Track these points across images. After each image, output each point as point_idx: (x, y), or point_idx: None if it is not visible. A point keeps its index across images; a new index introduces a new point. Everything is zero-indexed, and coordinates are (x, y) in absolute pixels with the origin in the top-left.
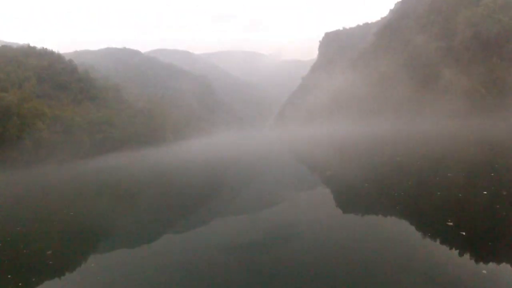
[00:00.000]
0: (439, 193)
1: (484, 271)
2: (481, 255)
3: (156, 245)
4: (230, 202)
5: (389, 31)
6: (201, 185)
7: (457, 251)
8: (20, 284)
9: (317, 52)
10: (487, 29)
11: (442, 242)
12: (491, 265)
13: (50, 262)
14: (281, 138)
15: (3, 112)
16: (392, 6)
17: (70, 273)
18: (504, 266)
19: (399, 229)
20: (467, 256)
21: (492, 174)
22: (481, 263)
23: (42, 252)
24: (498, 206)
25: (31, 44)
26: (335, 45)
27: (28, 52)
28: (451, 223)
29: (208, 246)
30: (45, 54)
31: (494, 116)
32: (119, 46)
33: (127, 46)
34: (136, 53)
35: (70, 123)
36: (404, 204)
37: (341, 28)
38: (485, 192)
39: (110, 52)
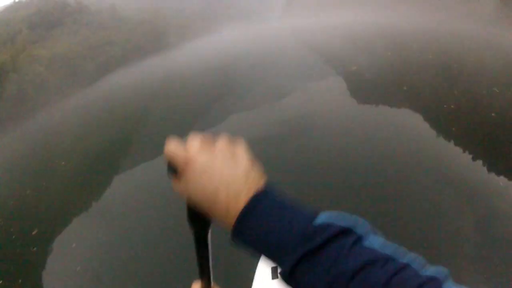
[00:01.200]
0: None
1: (501, 183)
2: (497, 165)
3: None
4: (243, 97)
5: None
6: (213, 84)
7: (471, 155)
8: None
9: None
10: None
11: (456, 144)
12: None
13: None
14: (292, 28)
15: None
16: None
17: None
18: None
19: (416, 124)
20: (479, 162)
21: None
22: (494, 173)
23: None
24: None
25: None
26: None
27: (16, 7)
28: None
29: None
30: (33, 1)
31: None
32: None
33: None
34: None
35: (68, 55)
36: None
37: None
38: None
39: None
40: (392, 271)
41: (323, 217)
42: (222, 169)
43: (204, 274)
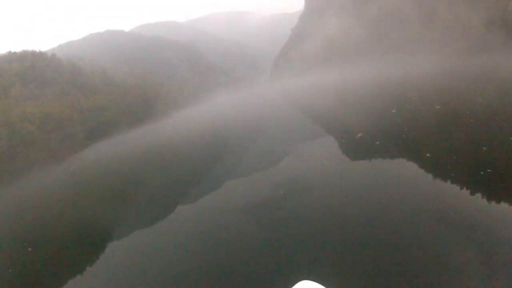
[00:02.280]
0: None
1: (377, 142)
2: (492, 195)
3: (171, 218)
4: (237, 163)
5: None
6: (205, 152)
7: (468, 191)
8: None
9: (302, 2)
10: None
11: (453, 182)
12: (503, 205)
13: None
14: (278, 92)
15: None
16: None
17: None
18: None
19: (407, 172)
20: (478, 195)
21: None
22: (493, 203)
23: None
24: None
25: (11, 50)
26: None
27: (9, 57)
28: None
29: (221, 210)
30: (27, 56)
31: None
32: (101, 29)
33: (110, 28)
34: (119, 33)
35: (60, 117)
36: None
37: None
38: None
39: (93, 38)
40: None
41: None
42: None
43: None
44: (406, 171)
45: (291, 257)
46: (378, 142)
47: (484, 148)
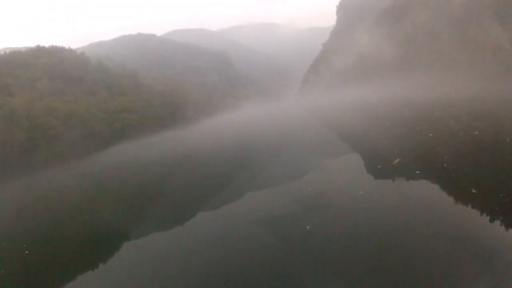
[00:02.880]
0: None
1: (418, 172)
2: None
3: (190, 225)
4: (260, 175)
5: None
6: (230, 161)
7: (488, 217)
8: None
9: (334, 17)
10: None
11: (473, 207)
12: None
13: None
14: (307, 107)
15: (9, 117)
16: None
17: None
18: None
19: (431, 197)
20: (497, 222)
21: None
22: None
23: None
24: None
25: (42, 45)
26: (354, 8)
27: (38, 52)
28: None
29: (240, 221)
30: (56, 52)
31: None
32: (134, 32)
33: (142, 31)
34: (151, 37)
35: (85, 115)
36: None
37: None
38: None
39: (124, 40)
40: None
41: None
42: None
43: None
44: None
45: (305, 277)
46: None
47: None
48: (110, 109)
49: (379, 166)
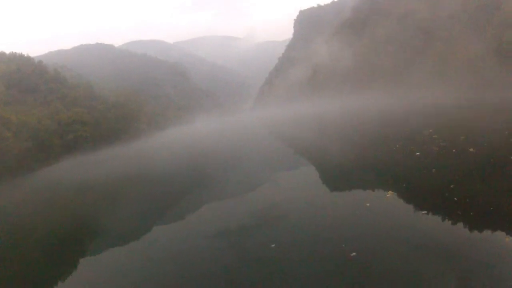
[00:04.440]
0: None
1: (424, 211)
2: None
3: (146, 239)
4: (214, 188)
5: (368, 3)
6: (183, 175)
7: (450, 221)
8: None
9: (291, 31)
10: None
11: (434, 214)
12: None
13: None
14: (262, 120)
15: None
16: None
17: (65, 274)
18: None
19: (392, 202)
20: (460, 225)
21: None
22: (466, 229)
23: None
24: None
25: (1, 50)
26: (311, 22)
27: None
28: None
29: (196, 234)
30: (14, 59)
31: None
32: (92, 41)
33: (100, 41)
34: (109, 47)
35: (37, 127)
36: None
37: (315, 5)
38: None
39: (83, 49)
40: None
41: None
42: None
43: None
44: (386, 201)
45: (260, 285)
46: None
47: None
48: (63, 120)
49: (331, 178)
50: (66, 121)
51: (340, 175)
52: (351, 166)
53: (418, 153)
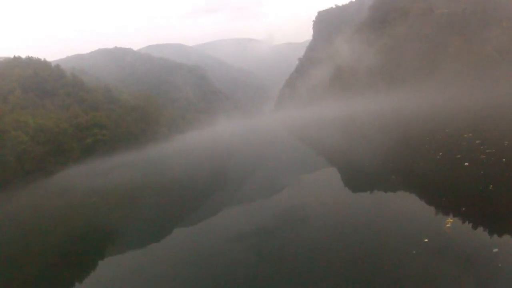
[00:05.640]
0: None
1: (495, 249)
2: (492, 233)
3: (165, 241)
4: (236, 191)
5: (386, 2)
6: (206, 178)
7: (468, 227)
8: None
9: (311, 32)
10: None
11: (454, 216)
12: (502, 242)
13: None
14: (284, 123)
15: None
16: None
17: (82, 276)
18: None
19: (407, 206)
20: (478, 232)
21: None
22: (491, 240)
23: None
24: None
25: (17, 55)
26: (330, 23)
27: (13, 63)
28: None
29: (216, 236)
30: (31, 63)
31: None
32: (111, 46)
33: (119, 45)
34: (128, 51)
35: (55, 130)
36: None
37: (333, 6)
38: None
39: (101, 53)
40: None
41: None
42: None
43: None
44: (407, 204)
45: None
46: (394, 181)
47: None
48: (82, 124)
49: (356, 180)
50: (84, 125)
51: (360, 175)
52: (386, 176)
53: (466, 164)
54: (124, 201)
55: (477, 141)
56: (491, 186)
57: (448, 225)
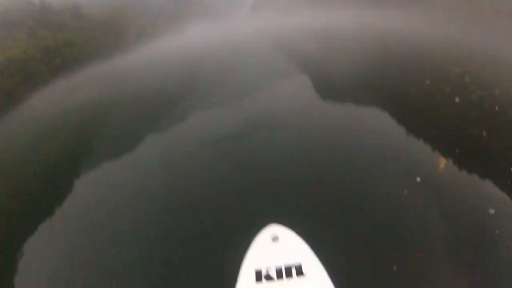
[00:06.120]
0: None
1: (492, 210)
2: (487, 186)
3: (139, 150)
4: (209, 96)
5: None
6: (175, 87)
7: (463, 172)
8: None
9: None
10: None
11: (425, 141)
12: (499, 199)
13: None
14: (260, 29)
15: None
16: None
17: (61, 197)
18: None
19: (384, 122)
20: (472, 179)
21: None
22: (486, 191)
23: None
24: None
25: None
26: None
27: None
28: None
29: (189, 142)
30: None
31: None
32: None
33: None
34: None
35: (23, 59)
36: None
37: None
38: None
39: None
40: None
41: None
42: None
43: None
44: (378, 120)
45: (259, 198)
46: (368, 97)
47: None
48: (50, 47)
49: (329, 90)
50: (53, 47)
51: (333, 85)
52: (369, 94)
53: (457, 100)
54: (95, 117)
55: (467, 79)
56: (484, 132)
57: (442, 165)
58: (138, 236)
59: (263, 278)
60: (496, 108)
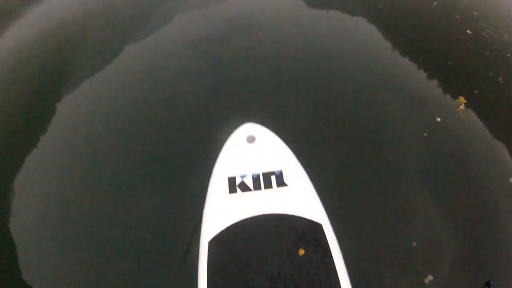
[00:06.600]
0: None
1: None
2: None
3: (120, 60)
4: None
5: None
6: None
7: (426, 73)
8: None
9: None
10: None
11: (411, 59)
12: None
13: None
14: None
15: None
16: None
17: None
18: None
19: (371, 33)
20: (435, 82)
21: None
22: (450, 95)
23: None
24: None
25: None
26: None
27: None
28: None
29: (169, 44)
30: None
31: None
32: None
33: None
34: None
35: None
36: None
37: None
38: None
39: None
40: None
41: None
42: None
43: None
44: (365, 30)
45: (236, 96)
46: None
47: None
48: None
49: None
50: None
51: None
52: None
53: (469, 31)
54: (72, 36)
55: (475, 13)
56: (500, 78)
57: (461, 106)
58: (125, 146)
59: (237, 188)
60: (508, 55)
